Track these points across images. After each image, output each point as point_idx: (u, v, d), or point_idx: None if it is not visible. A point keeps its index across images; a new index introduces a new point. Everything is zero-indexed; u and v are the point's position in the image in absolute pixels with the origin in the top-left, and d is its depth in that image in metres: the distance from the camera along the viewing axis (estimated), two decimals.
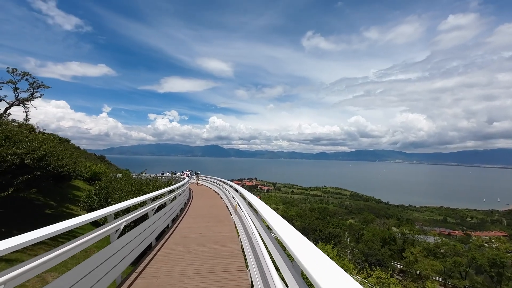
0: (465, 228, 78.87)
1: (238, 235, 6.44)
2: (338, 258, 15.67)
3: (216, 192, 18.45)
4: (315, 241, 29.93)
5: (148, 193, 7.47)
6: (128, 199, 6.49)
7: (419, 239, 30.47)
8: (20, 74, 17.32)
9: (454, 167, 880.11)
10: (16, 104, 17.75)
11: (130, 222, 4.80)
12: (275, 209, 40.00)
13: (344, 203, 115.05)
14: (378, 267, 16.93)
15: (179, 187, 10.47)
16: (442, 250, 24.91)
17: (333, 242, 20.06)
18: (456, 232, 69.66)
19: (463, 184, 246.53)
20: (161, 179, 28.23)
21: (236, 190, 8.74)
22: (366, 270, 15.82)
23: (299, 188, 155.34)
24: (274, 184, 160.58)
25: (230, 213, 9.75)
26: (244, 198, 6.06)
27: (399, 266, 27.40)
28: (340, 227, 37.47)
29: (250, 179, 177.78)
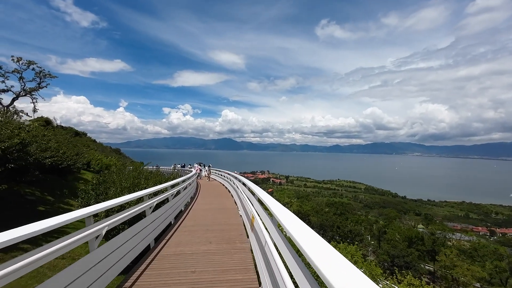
0: (489, 224, 74.38)
1: (260, 285, 3.45)
2: (363, 261, 14.10)
3: (227, 189, 15.54)
4: (333, 239, 28.30)
5: (148, 188, 6.35)
6: (123, 195, 5.34)
7: (451, 238, 27.70)
8: (25, 63, 16.73)
9: (478, 160, 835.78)
10: (23, 94, 17.27)
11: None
12: (289, 204, 38.59)
13: (358, 197, 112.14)
14: (409, 272, 15.04)
15: (173, 186, 7.91)
16: (477, 252, 22.31)
17: (356, 242, 18.21)
18: (480, 228, 66.76)
19: (488, 178, 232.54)
20: (175, 172, 27.59)
21: (253, 193, 5.54)
22: (396, 275, 14.03)
23: (312, 181, 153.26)
24: (287, 177, 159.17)
25: (244, 225, 6.74)
26: (270, 214, 3.23)
27: (429, 269, 25.07)
28: (360, 223, 35.31)
29: (262, 172, 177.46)
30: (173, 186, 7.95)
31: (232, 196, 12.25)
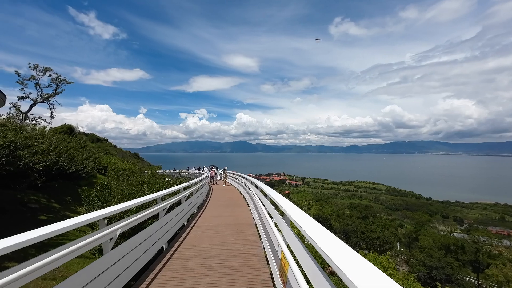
0: None
1: None
2: (398, 275, 12.37)
3: (242, 195, 13.40)
4: (357, 246, 26.32)
5: (153, 193, 5.15)
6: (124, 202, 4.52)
7: (499, 246, 24.06)
8: (42, 70, 17.02)
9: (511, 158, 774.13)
10: (41, 101, 17.53)
11: None
12: (307, 207, 36.88)
13: (379, 199, 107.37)
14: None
15: (167, 197, 6.02)
16: None
17: (389, 253, 16.16)
18: None
19: None
20: (187, 175, 27.08)
21: (281, 212, 3.15)
22: None
23: (329, 183, 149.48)
24: (303, 179, 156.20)
25: (266, 256, 4.59)
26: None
27: (470, 280, 21.88)
28: (387, 229, 31.60)
29: (278, 174, 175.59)
30: (165, 198, 5.98)
31: (248, 205, 10.16)
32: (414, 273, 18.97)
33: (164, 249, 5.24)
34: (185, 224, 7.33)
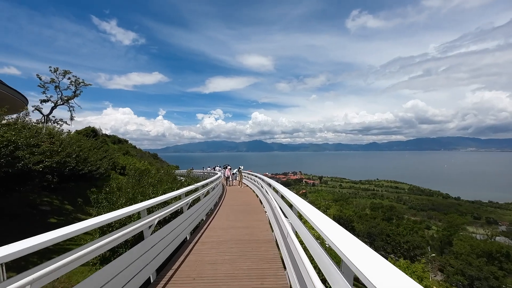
0: None
1: None
2: (433, 281, 10.96)
3: (258, 197, 12.00)
4: (382, 249, 24.66)
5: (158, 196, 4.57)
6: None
7: None
8: (62, 73, 17.53)
9: None
10: (61, 103, 18.09)
11: None
12: (327, 207, 35.39)
13: (402, 198, 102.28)
14: None
15: (152, 209, 4.71)
16: None
17: (423, 261, 14.41)
18: None
19: None
20: (202, 175, 26.95)
21: (334, 255, 2.05)
22: None
23: (347, 182, 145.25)
24: (320, 178, 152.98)
25: None
26: None
27: None
28: (416, 232, 28.21)
29: (294, 173, 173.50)
30: (158, 207, 4.85)
31: (264, 207, 8.96)
32: (451, 283, 17.40)
33: (152, 281, 3.75)
34: (187, 238, 5.87)
